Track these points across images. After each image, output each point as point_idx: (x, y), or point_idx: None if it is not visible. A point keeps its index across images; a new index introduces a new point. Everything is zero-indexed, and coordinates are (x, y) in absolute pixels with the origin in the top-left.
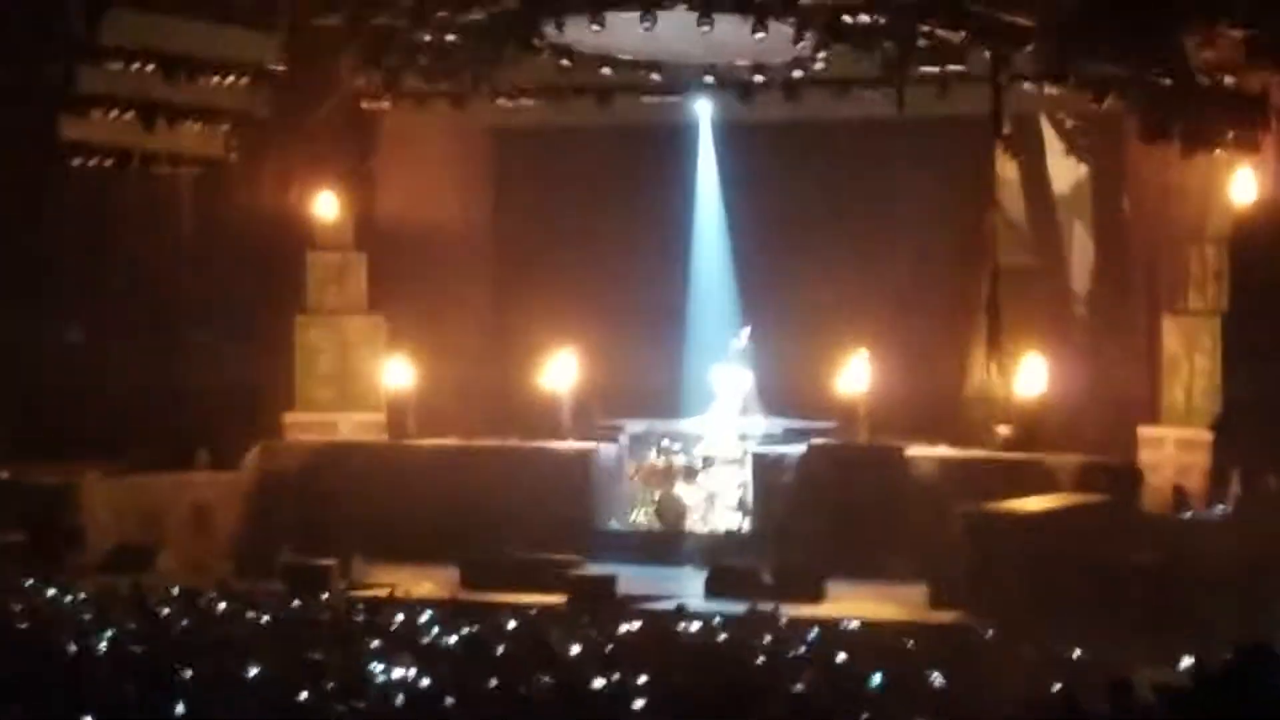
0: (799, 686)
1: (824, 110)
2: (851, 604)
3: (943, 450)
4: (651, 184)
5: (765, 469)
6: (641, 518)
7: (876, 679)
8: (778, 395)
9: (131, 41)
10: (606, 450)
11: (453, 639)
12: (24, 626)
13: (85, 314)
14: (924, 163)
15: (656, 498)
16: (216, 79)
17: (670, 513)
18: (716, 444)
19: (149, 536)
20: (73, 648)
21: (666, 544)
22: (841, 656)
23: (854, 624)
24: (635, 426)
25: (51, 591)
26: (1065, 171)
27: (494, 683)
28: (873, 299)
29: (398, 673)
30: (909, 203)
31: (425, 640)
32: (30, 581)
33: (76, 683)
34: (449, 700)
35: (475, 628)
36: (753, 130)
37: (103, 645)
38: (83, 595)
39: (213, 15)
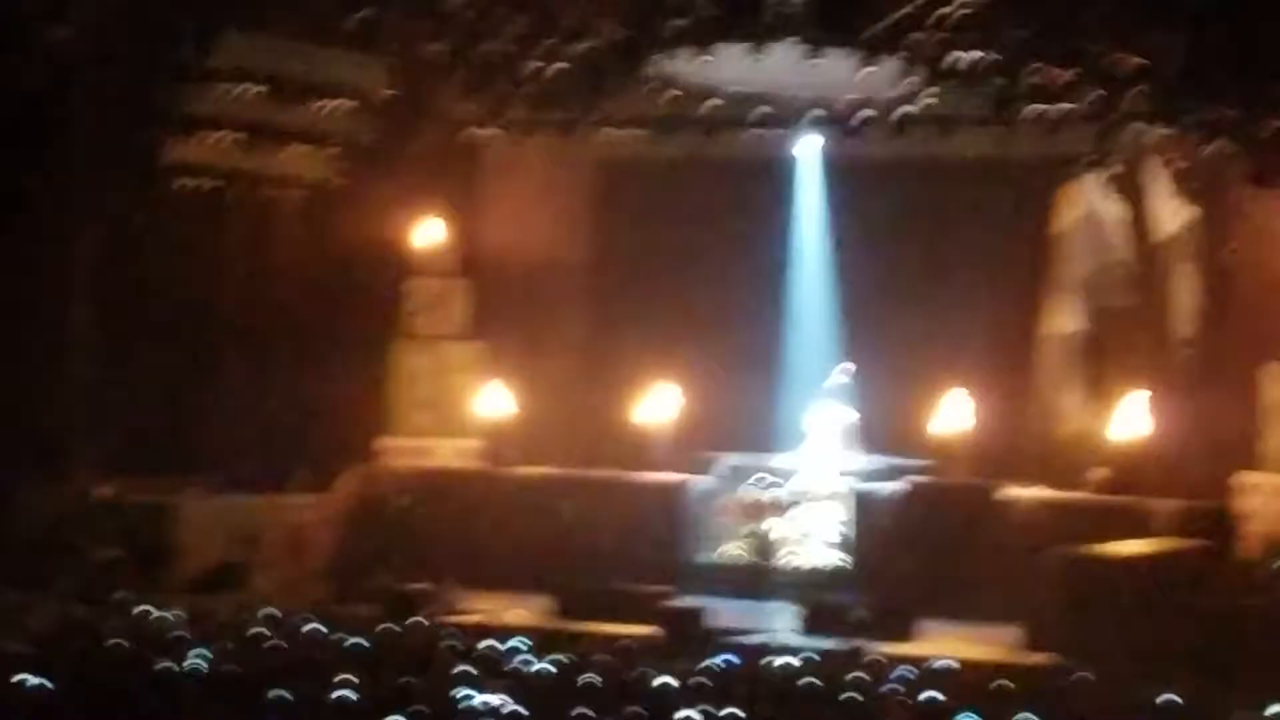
0: None
1: (930, 147)
2: (944, 643)
3: (1039, 491)
4: (753, 218)
5: (861, 506)
6: (733, 551)
7: (967, 718)
8: (875, 432)
9: (240, 64)
10: (700, 482)
11: (542, 667)
12: (119, 644)
13: (187, 335)
14: (1030, 202)
15: (749, 532)
16: (323, 103)
17: (760, 548)
18: (812, 479)
19: (244, 556)
20: (166, 666)
21: (758, 578)
22: (932, 695)
23: (946, 663)
24: (730, 459)
25: (147, 609)
26: (1173, 213)
27: (582, 712)
28: (975, 337)
29: (486, 699)
30: (1014, 242)
31: (515, 667)
32: (127, 599)
33: (169, 701)
34: None
35: (565, 657)
36: (857, 166)
37: (196, 664)
38: (178, 614)
39: (321, 39)
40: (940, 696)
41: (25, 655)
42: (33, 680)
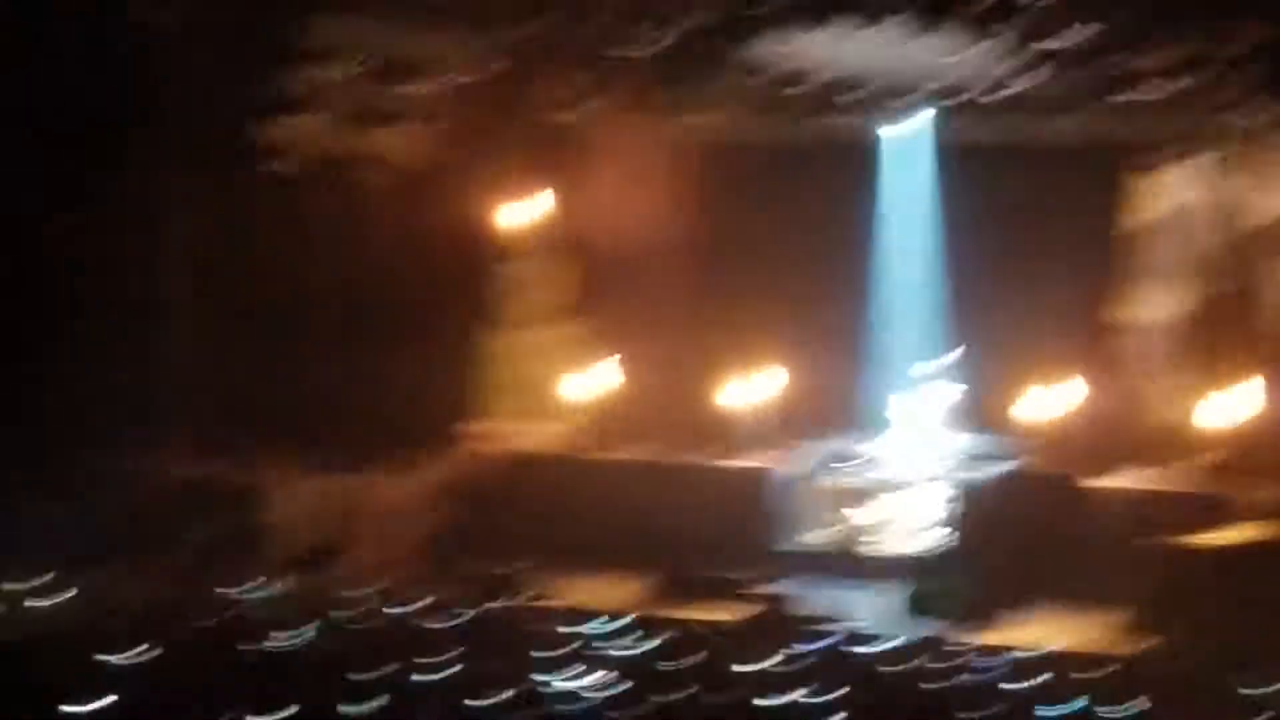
0: (982, 714)
1: (1032, 133)
2: (1042, 631)
3: (1144, 478)
4: (850, 202)
5: (957, 492)
6: (827, 537)
7: (1065, 708)
8: (975, 416)
9: (335, 45)
10: (794, 467)
11: (630, 651)
12: (210, 622)
13: (280, 317)
14: (1130, 187)
15: (840, 517)
16: (419, 84)
17: (853, 533)
18: (903, 466)
19: (335, 537)
20: (256, 645)
21: (848, 564)
22: (1029, 684)
23: (1044, 652)
24: (823, 444)
25: (239, 590)
26: (1268, 200)
27: (668, 696)
28: (1074, 322)
29: (579, 681)
30: (1114, 227)
31: (606, 650)
32: (219, 579)
33: (258, 680)
34: (624, 711)
35: (653, 641)
36: (957, 149)
37: (287, 644)
38: (269, 594)
39: (417, 20)
40: (1029, 685)
41: (122, 633)
42: (126, 659)
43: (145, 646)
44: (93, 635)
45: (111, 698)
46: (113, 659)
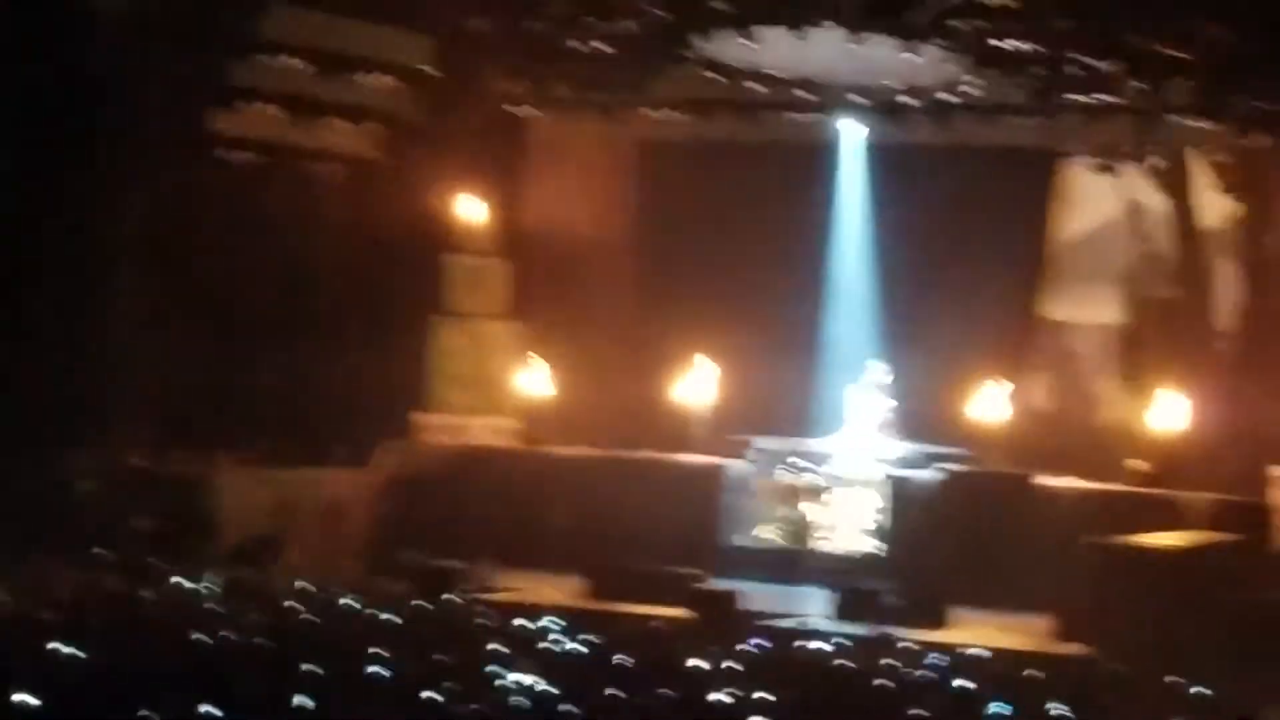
0: (918, 711)
1: (972, 136)
2: (976, 631)
3: (1075, 482)
4: (794, 202)
5: (897, 493)
6: (767, 535)
7: (997, 707)
8: (913, 419)
9: (286, 37)
10: (736, 465)
11: (574, 647)
12: (152, 614)
13: (228, 308)
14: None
15: (783, 516)
16: (367, 77)
17: (796, 532)
18: (849, 464)
19: (279, 530)
20: (199, 637)
21: (792, 562)
22: (963, 683)
23: (977, 651)
24: (766, 443)
25: (181, 580)
26: (1214, 206)
27: (613, 692)
28: (1012, 326)
29: (518, 678)
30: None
31: (546, 647)
32: (160, 569)
33: (201, 672)
34: (568, 707)
35: (597, 637)
36: (898, 152)
37: (228, 636)
38: (211, 585)
39: (366, 14)
40: (971, 685)
41: (58, 623)
42: (65, 648)
43: (88, 638)
44: (33, 626)
45: (54, 688)
46: (59, 648)
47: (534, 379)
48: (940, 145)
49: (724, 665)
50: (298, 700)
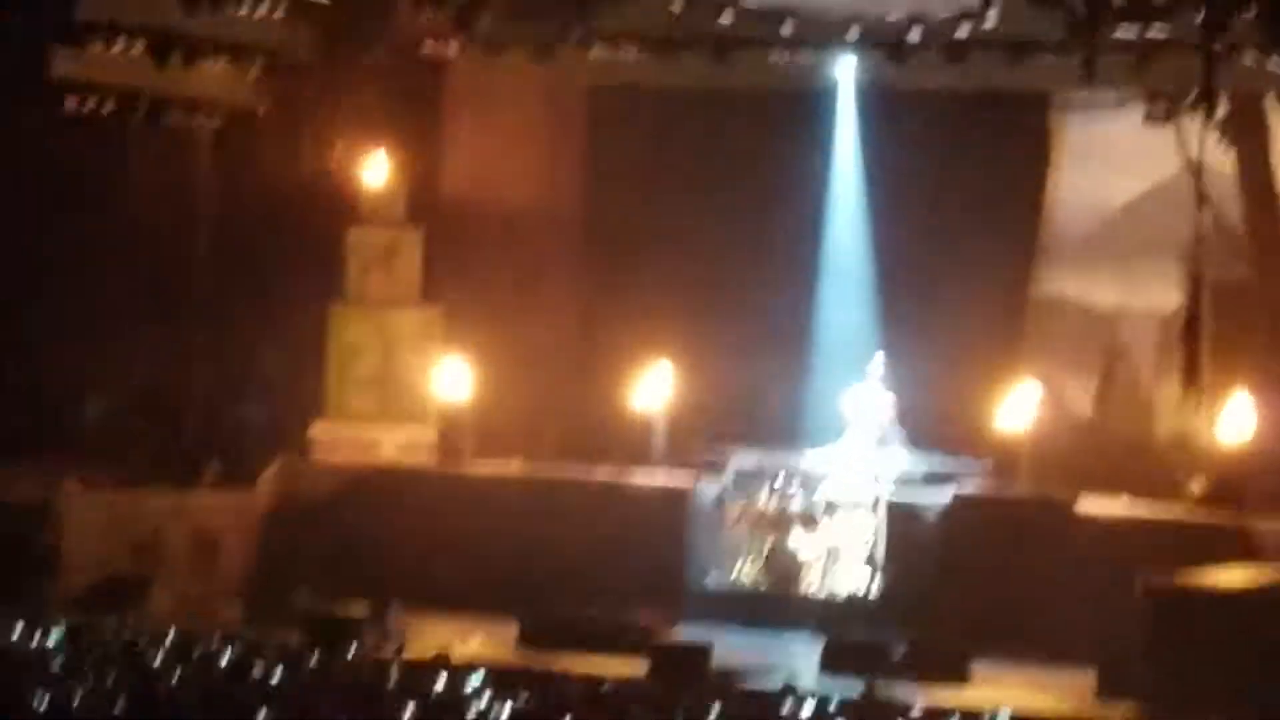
0: None
1: (993, 78)
2: (1001, 690)
3: (1123, 505)
4: (777, 162)
5: (902, 519)
6: (747, 573)
7: None
8: (921, 425)
9: None
10: (707, 487)
11: (506, 712)
12: None
13: (77, 293)
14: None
15: (766, 549)
16: (246, 9)
17: (782, 568)
18: (844, 484)
19: (140, 567)
20: (43, 698)
21: (776, 607)
22: None
23: (1004, 714)
24: (744, 458)
25: (19, 629)
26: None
27: None
28: (1045, 315)
29: None
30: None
31: (473, 712)
32: None
33: None
34: None
35: (534, 699)
36: (905, 101)
37: (79, 697)
38: (57, 635)
39: None
40: None
41: None
42: None
43: None
44: None
45: None
46: None
47: (456, 380)
48: (956, 91)
49: None
50: None
